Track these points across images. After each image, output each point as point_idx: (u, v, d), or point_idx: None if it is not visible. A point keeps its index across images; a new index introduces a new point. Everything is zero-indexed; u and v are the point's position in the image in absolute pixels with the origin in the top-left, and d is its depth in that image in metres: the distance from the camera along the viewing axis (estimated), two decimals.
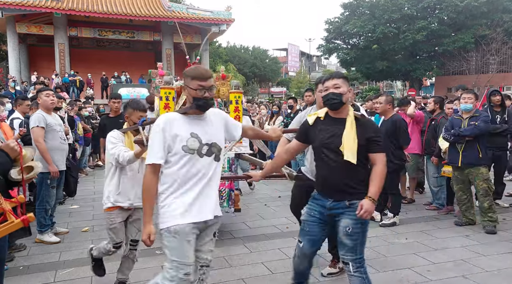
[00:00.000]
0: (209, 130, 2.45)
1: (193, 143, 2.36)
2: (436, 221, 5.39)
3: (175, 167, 2.36)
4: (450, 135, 5.05)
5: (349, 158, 2.55)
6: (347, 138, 2.59)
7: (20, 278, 3.69)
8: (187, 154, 2.35)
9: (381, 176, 2.62)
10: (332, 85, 2.67)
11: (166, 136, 2.35)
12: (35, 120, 4.48)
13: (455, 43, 29.17)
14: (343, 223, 2.63)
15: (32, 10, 21.23)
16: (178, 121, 2.40)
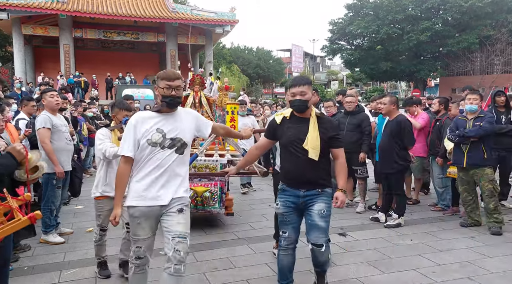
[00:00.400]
0: (177, 126, 2.77)
1: (156, 137, 2.70)
2: (441, 222, 5.37)
3: (139, 156, 2.73)
4: (455, 135, 5.02)
5: (312, 156, 2.95)
6: (311, 138, 2.97)
7: (25, 278, 3.70)
8: (149, 147, 2.70)
9: (345, 168, 3.12)
10: (299, 92, 3.00)
11: (137, 132, 2.71)
12: (41, 121, 4.49)
13: (460, 44, 29.08)
14: (318, 207, 2.99)
15: (37, 11, 21.33)
16: (149, 118, 2.76)
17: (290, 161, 3.07)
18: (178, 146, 2.76)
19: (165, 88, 2.71)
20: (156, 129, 2.71)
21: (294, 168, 3.05)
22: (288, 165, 3.10)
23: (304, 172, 3.01)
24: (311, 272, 3.77)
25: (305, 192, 3.03)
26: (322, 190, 3.03)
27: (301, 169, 3.02)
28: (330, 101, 6.58)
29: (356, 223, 5.36)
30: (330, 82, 58.21)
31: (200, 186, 4.93)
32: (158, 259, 4.15)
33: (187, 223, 2.77)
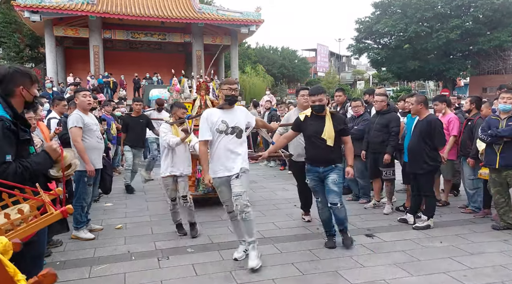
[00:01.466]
0: (234, 118, 3.89)
1: (222, 126, 3.82)
2: (472, 224, 5.21)
3: (213, 141, 3.84)
4: (487, 135, 4.86)
5: (329, 143, 4.20)
6: (328, 130, 4.19)
7: (57, 273, 3.75)
8: (217, 134, 3.82)
9: (351, 150, 4.41)
10: (318, 99, 4.19)
11: (208, 123, 3.83)
12: (73, 121, 4.61)
13: (491, 42, 28.17)
14: (332, 177, 4.25)
15: (68, 13, 21.93)
16: (215, 113, 3.91)
17: (313, 148, 4.29)
18: (237, 132, 3.88)
19: (228, 90, 3.83)
20: (222, 120, 3.82)
21: (318, 152, 4.26)
22: (313, 151, 4.32)
23: (323, 154, 4.23)
24: (338, 272, 3.74)
25: (323, 169, 4.28)
26: (335, 165, 4.27)
27: (321, 153, 4.23)
28: (358, 100, 6.48)
29: (384, 224, 5.27)
30: (356, 81, 57.41)
31: None
32: (187, 257, 4.20)
33: (242, 185, 3.80)
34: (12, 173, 2.30)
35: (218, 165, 3.85)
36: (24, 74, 2.55)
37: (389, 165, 5.75)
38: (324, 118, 4.23)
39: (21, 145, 2.47)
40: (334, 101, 7.70)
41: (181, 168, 4.79)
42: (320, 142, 4.19)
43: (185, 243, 4.59)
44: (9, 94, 2.50)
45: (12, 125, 2.38)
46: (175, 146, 4.68)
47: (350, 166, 4.34)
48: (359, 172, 6.31)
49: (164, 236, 4.83)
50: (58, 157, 2.59)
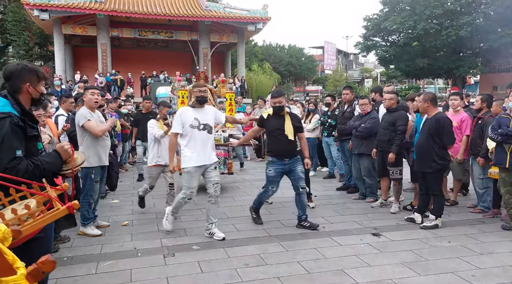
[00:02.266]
0: (205, 116, 4.63)
1: (194, 122, 4.55)
2: (482, 224, 5.15)
3: (187, 135, 4.56)
4: (497, 134, 4.79)
5: (290, 137, 4.93)
6: (288, 126, 4.94)
7: (65, 268, 3.83)
8: (191, 129, 4.54)
9: (306, 145, 5.24)
10: (278, 101, 4.95)
11: (182, 119, 4.56)
12: (83, 116, 4.64)
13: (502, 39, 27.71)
14: (299, 168, 5.03)
15: (76, 11, 22.04)
16: (188, 111, 4.67)
17: (276, 142, 5.01)
18: (208, 129, 4.63)
19: (197, 92, 4.63)
20: (194, 118, 4.56)
21: (281, 146, 4.96)
22: (276, 145, 5.02)
23: (288, 147, 4.98)
24: (344, 271, 3.72)
25: (289, 161, 5.00)
26: (296, 157, 5.06)
27: (287, 146, 4.96)
28: (365, 98, 6.43)
29: (391, 223, 5.23)
30: (363, 79, 57.10)
31: None
32: (193, 254, 4.20)
33: (218, 175, 4.71)
34: (23, 170, 2.32)
35: (194, 156, 4.52)
36: (31, 71, 2.56)
37: (396, 164, 5.68)
38: (284, 117, 4.99)
39: (29, 141, 2.49)
40: (341, 99, 7.66)
41: (165, 158, 5.46)
42: (281, 137, 4.93)
43: (190, 240, 4.60)
44: (17, 90, 2.52)
45: (20, 121, 2.40)
46: (159, 138, 5.51)
47: (308, 158, 5.14)
48: (366, 171, 6.27)
49: (170, 233, 4.84)
50: (68, 157, 2.59)
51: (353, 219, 5.42)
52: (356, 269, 3.79)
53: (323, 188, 7.40)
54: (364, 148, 6.18)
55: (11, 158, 2.32)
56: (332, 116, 7.81)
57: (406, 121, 5.72)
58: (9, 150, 2.33)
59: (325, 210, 5.90)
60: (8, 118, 2.35)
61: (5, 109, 2.40)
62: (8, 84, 2.53)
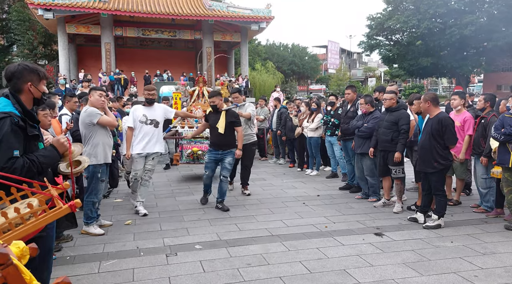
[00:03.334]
0: (153, 113, 5.62)
1: (143, 118, 5.54)
2: (485, 224, 5.13)
3: (136, 129, 5.55)
4: (500, 134, 4.77)
5: (220, 131, 5.78)
6: (220, 121, 5.80)
7: (67, 267, 3.85)
8: (139, 124, 5.53)
9: (241, 137, 6.02)
10: (211, 101, 5.95)
11: (134, 115, 5.58)
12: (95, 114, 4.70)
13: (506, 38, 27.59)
14: (228, 159, 5.91)
15: (80, 11, 22.09)
16: (139, 108, 5.64)
17: (213, 135, 5.94)
18: (154, 124, 5.60)
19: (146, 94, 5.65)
20: (143, 114, 5.54)
21: (217, 139, 5.88)
22: (213, 138, 5.96)
23: (223, 140, 5.86)
24: (346, 271, 3.72)
25: (222, 152, 5.91)
26: (230, 150, 5.92)
27: (221, 139, 5.85)
28: (363, 98, 6.39)
29: (393, 223, 5.22)
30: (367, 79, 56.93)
31: (195, 147, 7.82)
32: (194, 254, 4.21)
33: (154, 164, 5.70)
34: (20, 168, 2.34)
35: (141, 145, 5.51)
36: (32, 71, 2.58)
37: (398, 163, 5.67)
38: (220, 113, 5.89)
39: (30, 140, 2.50)
40: (344, 98, 7.65)
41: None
42: (216, 130, 5.80)
43: (193, 240, 4.61)
44: (18, 90, 2.55)
45: (21, 121, 2.42)
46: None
47: (239, 149, 5.96)
48: (368, 170, 6.26)
49: (173, 233, 4.85)
50: (65, 151, 2.61)
51: (355, 219, 5.41)
52: (358, 269, 3.78)
53: (326, 188, 7.40)
54: (367, 148, 6.17)
55: (8, 157, 2.35)
56: (335, 115, 7.80)
57: (408, 120, 5.70)
58: (8, 150, 2.36)
59: (327, 209, 5.90)
60: (8, 118, 2.38)
61: (6, 109, 2.43)
62: (10, 85, 2.56)
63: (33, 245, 1.66)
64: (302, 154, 9.27)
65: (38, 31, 27.37)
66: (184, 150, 7.90)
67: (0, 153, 2.34)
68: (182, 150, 7.92)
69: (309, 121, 8.59)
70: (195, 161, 7.90)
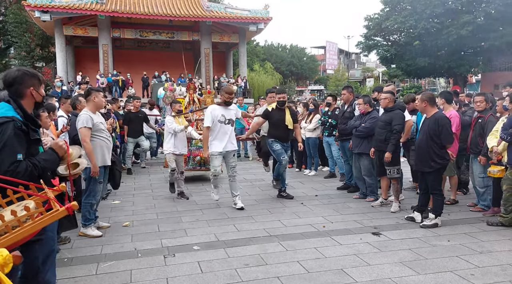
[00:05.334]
0: (229, 113, 5.96)
1: (221, 118, 5.86)
2: (481, 223, 5.15)
3: (216, 128, 5.86)
4: (507, 134, 4.73)
5: (290, 127, 6.43)
6: (288, 118, 6.40)
7: (65, 269, 3.85)
8: (218, 123, 5.85)
9: (300, 132, 6.92)
10: (283, 96, 6.46)
11: (212, 115, 5.85)
12: (83, 121, 4.64)
13: (503, 38, 27.60)
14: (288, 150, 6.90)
15: (78, 13, 22.13)
16: (216, 108, 5.95)
17: (277, 130, 6.44)
18: (231, 123, 5.98)
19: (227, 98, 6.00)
20: (222, 114, 5.87)
21: (281, 133, 6.43)
22: (277, 132, 6.45)
23: (287, 134, 6.49)
24: (343, 270, 3.73)
25: (287, 144, 6.60)
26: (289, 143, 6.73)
27: (286, 133, 6.46)
28: (361, 98, 6.42)
29: (391, 222, 5.23)
30: (365, 79, 57.00)
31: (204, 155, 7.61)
32: (192, 254, 4.22)
33: (236, 160, 6.12)
34: (23, 171, 2.37)
35: (222, 144, 5.85)
36: (33, 76, 2.65)
37: (393, 163, 5.67)
38: (284, 110, 6.43)
39: (31, 145, 2.54)
40: (341, 99, 7.67)
41: (179, 148, 6.66)
42: (283, 126, 6.38)
43: (191, 241, 4.61)
44: (20, 95, 2.59)
45: (23, 125, 2.46)
46: (179, 132, 6.58)
47: (300, 142, 6.74)
48: (366, 170, 6.28)
49: (171, 234, 4.86)
50: (64, 153, 2.64)
51: (353, 219, 5.42)
52: (355, 268, 3.80)
53: (323, 188, 7.41)
54: (364, 148, 6.19)
55: (12, 161, 2.38)
56: (333, 116, 7.82)
57: (402, 120, 5.71)
58: (11, 154, 2.39)
59: (325, 209, 5.91)
60: (11, 122, 2.42)
61: (9, 114, 2.46)
62: (11, 90, 2.59)
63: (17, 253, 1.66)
64: (301, 155, 9.29)
65: (35, 33, 27.37)
66: (193, 156, 7.92)
67: (3, 156, 2.38)
68: (190, 157, 7.88)
69: (307, 121, 8.61)
70: (201, 166, 7.96)
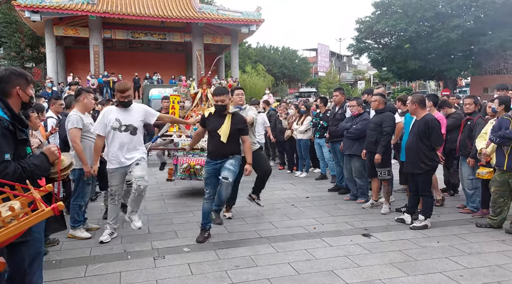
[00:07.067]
0: (128, 116, 4.48)
1: (115, 124, 4.44)
2: (470, 224, 5.19)
3: (109, 137, 4.49)
4: (496, 136, 4.79)
5: (222, 139, 4.50)
6: (224, 127, 4.53)
7: (53, 271, 3.81)
8: (111, 130, 4.45)
9: (249, 149, 4.71)
10: (220, 100, 4.53)
11: (105, 120, 4.47)
12: (73, 122, 4.59)
13: (492, 41, 27.99)
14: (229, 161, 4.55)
15: (68, 13, 21.92)
16: (112, 111, 4.53)
17: (212, 143, 4.65)
18: (131, 130, 4.49)
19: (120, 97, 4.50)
20: (115, 119, 4.45)
21: (216, 147, 4.59)
22: (212, 146, 4.65)
23: (222, 149, 4.55)
24: (334, 272, 3.73)
25: (220, 161, 4.57)
26: (233, 156, 4.60)
27: (221, 147, 4.55)
28: (354, 100, 6.46)
29: (381, 224, 5.25)
30: (356, 81, 57.32)
31: (192, 161, 6.67)
32: (182, 256, 4.19)
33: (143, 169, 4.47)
34: (12, 173, 2.33)
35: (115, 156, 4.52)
36: (20, 75, 2.62)
37: (384, 164, 5.71)
38: (225, 116, 4.62)
39: (19, 145, 2.51)
40: (332, 100, 7.71)
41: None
42: (217, 137, 4.56)
43: (181, 243, 4.59)
44: (6, 95, 2.56)
45: (10, 125, 2.43)
46: None
47: (249, 164, 4.63)
48: (357, 172, 6.30)
49: (161, 236, 4.82)
50: (55, 160, 2.61)
51: (344, 220, 5.44)
52: (346, 269, 3.80)
53: (315, 189, 7.42)
54: (355, 149, 6.21)
55: None
56: (324, 118, 7.85)
57: (392, 122, 5.75)
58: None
59: (316, 211, 5.92)
60: None
61: None
62: None
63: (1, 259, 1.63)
64: (292, 156, 9.30)
65: (25, 33, 27.06)
66: (179, 164, 6.75)
67: None
68: (177, 164, 6.80)
69: (299, 123, 8.63)
70: (191, 177, 6.76)
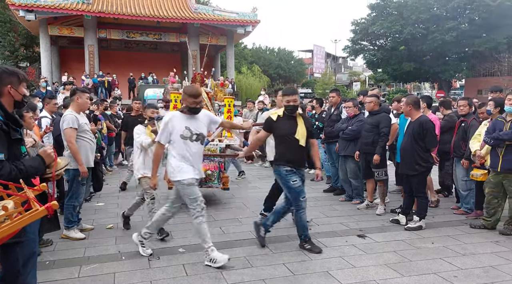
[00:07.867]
0: (197, 124, 3.94)
1: (186, 133, 3.87)
2: (465, 226, 5.22)
3: (178, 146, 3.87)
4: (490, 138, 4.82)
5: (302, 143, 4.24)
6: (300, 129, 4.25)
7: (47, 272, 3.77)
8: (182, 139, 3.86)
9: (317, 152, 4.63)
10: (293, 100, 4.22)
11: (169, 127, 3.87)
12: (68, 121, 4.56)
13: (487, 44, 28.21)
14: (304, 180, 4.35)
15: (63, 12, 21.82)
16: (178, 118, 3.91)
17: (288, 149, 4.26)
18: (201, 139, 3.99)
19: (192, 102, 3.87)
20: (185, 127, 3.89)
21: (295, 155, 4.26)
22: (288, 153, 4.26)
23: (301, 156, 4.35)
24: (329, 273, 3.73)
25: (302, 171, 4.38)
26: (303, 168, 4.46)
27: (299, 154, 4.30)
28: (350, 101, 6.49)
29: (376, 225, 5.27)
30: (352, 83, 57.52)
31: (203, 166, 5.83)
32: (178, 257, 4.17)
33: None
34: (7, 174, 2.30)
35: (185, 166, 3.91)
36: (11, 73, 2.58)
37: (380, 165, 5.73)
38: (296, 118, 4.33)
39: (13, 144, 2.48)
40: (328, 102, 7.72)
41: None
42: (294, 141, 4.24)
43: (176, 243, 4.57)
44: None
45: (4, 125, 2.40)
46: (147, 147, 4.81)
47: (319, 169, 4.59)
48: (352, 173, 6.31)
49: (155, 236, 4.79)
50: (51, 162, 2.58)
51: (339, 221, 5.44)
52: (341, 270, 3.80)
53: (310, 190, 7.40)
54: (350, 150, 6.23)
55: None
56: (320, 118, 7.86)
57: (388, 123, 5.78)
58: None
59: (311, 211, 5.91)
60: None
61: None
62: None
63: None
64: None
65: (20, 32, 26.94)
66: None
67: None
68: None
69: None
70: (202, 184, 5.91)
